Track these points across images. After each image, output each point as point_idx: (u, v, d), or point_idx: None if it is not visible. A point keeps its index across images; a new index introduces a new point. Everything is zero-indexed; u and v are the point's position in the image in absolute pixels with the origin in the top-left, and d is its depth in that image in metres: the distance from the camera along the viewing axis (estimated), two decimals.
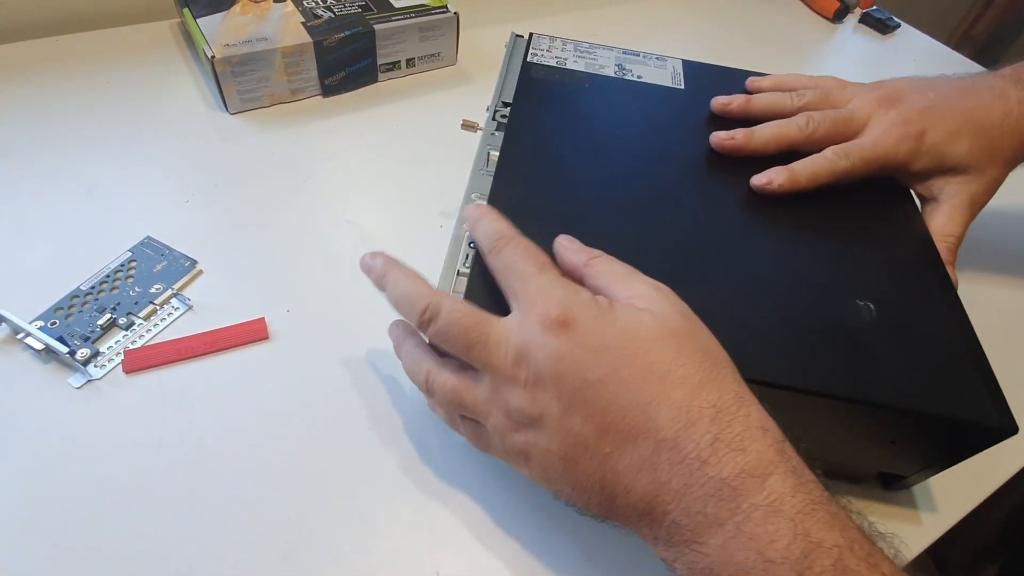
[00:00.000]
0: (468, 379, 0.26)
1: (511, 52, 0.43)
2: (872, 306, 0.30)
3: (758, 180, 0.35)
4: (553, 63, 0.41)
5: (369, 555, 0.29)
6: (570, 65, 0.42)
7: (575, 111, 0.38)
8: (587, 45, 0.44)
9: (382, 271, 0.28)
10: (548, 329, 0.23)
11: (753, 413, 0.22)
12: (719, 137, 0.37)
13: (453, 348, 0.26)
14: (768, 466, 0.21)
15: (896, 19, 0.74)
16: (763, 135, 0.36)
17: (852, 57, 0.69)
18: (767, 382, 0.26)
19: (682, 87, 0.42)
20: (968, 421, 0.27)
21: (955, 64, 0.70)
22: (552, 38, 0.43)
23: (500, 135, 0.36)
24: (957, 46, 0.72)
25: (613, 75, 0.42)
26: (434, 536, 0.29)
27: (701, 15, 0.70)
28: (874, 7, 0.75)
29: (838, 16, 0.73)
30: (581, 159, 0.36)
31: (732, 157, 0.37)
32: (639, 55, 0.44)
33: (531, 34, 0.43)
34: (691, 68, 0.44)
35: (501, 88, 0.39)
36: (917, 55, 0.70)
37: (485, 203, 0.31)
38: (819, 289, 0.31)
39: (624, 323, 0.24)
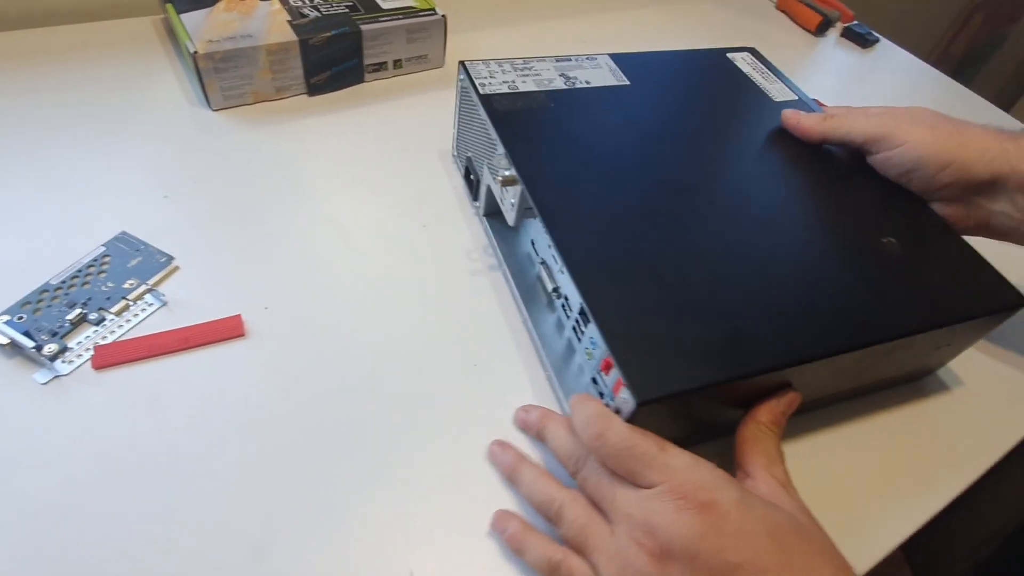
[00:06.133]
0: (599, 519, 0.27)
1: (464, 83, 0.42)
2: (895, 240, 0.35)
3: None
4: (506, 89, 0.41)
5: (343, 555, 0.28)
6: (522, 87, 0.42)
7: (564, 135, 0.39)
8: (521, 61, 0.44)
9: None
10: (685, 508, 0.24)
11: None
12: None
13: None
14: None
15: (876, 34, 0.75)
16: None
17: (833, 69, 0.70)
18: (855, 347, 0.30)
19: (627, 82, 0.44)
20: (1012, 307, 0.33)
21: (932, 79, 0.71)
22: (486, 62, 0.43)
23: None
24: (936, 63, 0.74)
25: (564, 87, 0.43)
26: (408, 536, 0.29)
27: (687, 25, 0.71)
28: (855, 22, 0.76)
29: (820, 29, 0.74)
30: (606, 180, 0.36)
31: (722, 136, 0.41)
32: (571, 59, 0.45)
33: (461, 63, 0.43)
34: (620, 61, 0.46)
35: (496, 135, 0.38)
36: (895, 69, 0.72)
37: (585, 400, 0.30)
38: (848, 239, 0.35)
39: (762, 512, 0.25)
